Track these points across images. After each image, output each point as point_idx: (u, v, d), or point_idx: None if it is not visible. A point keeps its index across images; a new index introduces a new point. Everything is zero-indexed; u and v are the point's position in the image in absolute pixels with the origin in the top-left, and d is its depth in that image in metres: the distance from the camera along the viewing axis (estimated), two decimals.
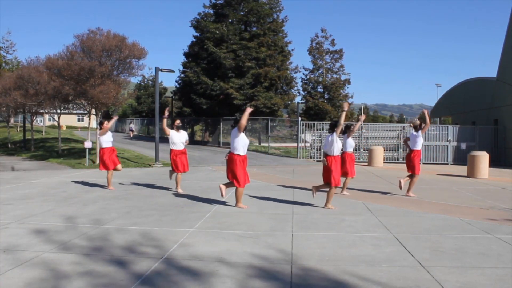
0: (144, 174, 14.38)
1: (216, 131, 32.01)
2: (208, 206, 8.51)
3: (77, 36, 18.25)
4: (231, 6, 31.72)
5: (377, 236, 6.14)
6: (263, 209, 8.27)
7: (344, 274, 4.51)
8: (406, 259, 5.05)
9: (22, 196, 9.60)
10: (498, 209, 8.63)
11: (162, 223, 6.92)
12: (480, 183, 13.38)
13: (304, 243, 5.74)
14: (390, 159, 21.42)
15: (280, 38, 32.41)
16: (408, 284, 4.22)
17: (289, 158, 22.60)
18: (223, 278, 4.36)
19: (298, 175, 14.60)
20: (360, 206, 8.70)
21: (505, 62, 22.84)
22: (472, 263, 4.94)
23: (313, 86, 43.50)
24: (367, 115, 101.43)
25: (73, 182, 12.30)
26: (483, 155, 15.19)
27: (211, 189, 10.97)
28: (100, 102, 18.40)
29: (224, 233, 6.29)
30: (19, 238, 5.89)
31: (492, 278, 4.42)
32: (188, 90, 32.03)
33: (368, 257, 5.14)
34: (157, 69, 19.10)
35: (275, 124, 29.48)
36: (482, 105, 25.27)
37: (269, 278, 4.38)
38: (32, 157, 23.31)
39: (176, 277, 4.40)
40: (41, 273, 4.46)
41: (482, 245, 5.72)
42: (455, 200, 9.63)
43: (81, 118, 76.29)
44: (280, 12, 33.26)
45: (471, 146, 21.51)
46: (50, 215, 7.53)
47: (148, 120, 46.56)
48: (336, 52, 43.70)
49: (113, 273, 4.49)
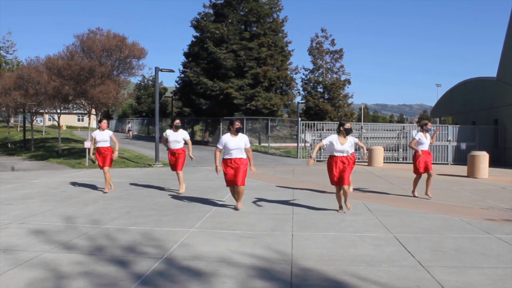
0: (144, 174, 14.38)
1: (216, 131, 32.01)
2: (208, 206, 8.51)
3: (77, 36, 18.31)
4: (231, 6, 31.73)
5: (377, 236, 6.14)
6: (263, 209, 8.27)
7: (344, 274, 4.51)
8: (406, 259, 5.05)
9: (22, 196, 9.60)
10: (498, 209, 8.63)
11: (162, 223, 6.92)
12: (480, 183, 13.37)
13: (304, 243, 5.73)
14: (390, 159, 21.42)
15: (280, 38, 32.43)
16: (408, 284, 4.22)
17: (289, 158, 22.60)
18: (223, 278, 4.37)
19: (298, 175, 14.60)
20: (360, 206, 8.70)
21: (505, 61, 22.83)
22: (472, 263, 4.94)
23: (313, 86, 43.51)
24: (367, 115, 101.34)
25: (73, 182, 12.30)
26: (483, 155, 15.18)
27: (211, 189, 10.98)
28: (100, 102, 18.42)
29: (224, 233, 6.29)
30: (19, 238, 5.89)
31: (492, 278, 4.42)
32: (188, 90, 32.05)
33: (368, 257, 5.14)
34: (157, 69, 19.10)
35: (275, 124, 29.48)
36: (482, 105, 25.26)
37: (269, 278, 4.38)
38: (32, 157, 23.31)
39: (176, 277, 4.40)
40: (41, 273, 4.46)
41: (482, 245, 5.71)
42: (455, 200, 9.63)
43: (81, 118, 76.29)
44: (280, 11, 33.30)
45: (471, 146, 21.50)
46: (50, 215, 7.53)
47: (148, 120, 46.55)
48: (336, 52, 43.70)
49: (113, 273, 4.49)
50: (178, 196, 9.75)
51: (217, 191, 10.61)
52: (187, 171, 14.89)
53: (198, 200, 9.18)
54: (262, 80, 30.15)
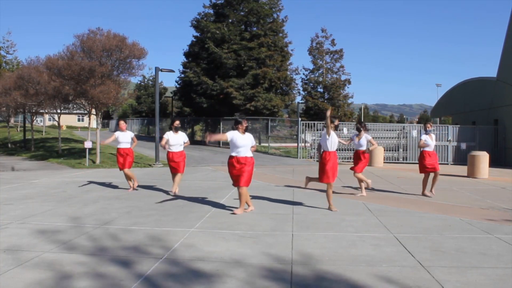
0: (144, 174, 14.38)
1: (216, 131, 32.00)
2: (208, 206, 8.51)
3: (78, 36, 18.26)
4: (232, 6, 31.74)
5: (377, 236, 6.15)
6: (263, 209, 8.27)
7: (344, 274, 4.51)
8: (406, 259, 5.06)
9: (22, 196, 9.61)
10: (498, 209, 8.64)
11: (163, 223, 6.92)
12: (480, 183, 13.38)
13: (304, 243, 5.74)
14: (390, 159, 21.43)
15: (280, 38, 32.43)
16: (408, 284, 4.23)
17: (289, 158, 22.61)
18: (223, 278, 4.37)
19: (298, 175, 14.60)
20: (360, 206, 8.70)
21: (505, 62, 22.84)
22: (472, 263, 4.94)
23: (313, 86, 43.53)
24: (367, 115, 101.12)
25: (73, 182, 12.30)
26: (483, 155, 15.19)
27: (211, 189, 10.98)
28: (101, 102, 18.41)
29: (224, 233, 6.30)
30: (19, 238, 5.89)
31: (492, 278, 4.42)
32: (188, 90, 32.05)
33: (368, 257, 5.14)
34: (157, 69, 19.11)
35: (275, 124, 29.49)
36: (482, 105, 25.26)
37: (269, 278, 4.39)
38: (32, 157, 23.30)
39: (177, 276, 4.40)
40: (42, 273, 4.46)
41: (482, 245, 5.72)
42: (455, 200, 9.63)
43: (81, 118, 76.28)
44: (280, 12, 33.32)
45: (471, 146, 21.51)
46: (50, 215, 7.53)
47: (148, 120, 46.57)
48: (336, 52, 43.75)
49: (114, 272, 4.49)
50: (178, 196, 9.73)
51: (217, 191, 10.62)
52: (187, 171, 14.90)
53: (198, 200, 9.18)
54: (262, 81, 30.17)
